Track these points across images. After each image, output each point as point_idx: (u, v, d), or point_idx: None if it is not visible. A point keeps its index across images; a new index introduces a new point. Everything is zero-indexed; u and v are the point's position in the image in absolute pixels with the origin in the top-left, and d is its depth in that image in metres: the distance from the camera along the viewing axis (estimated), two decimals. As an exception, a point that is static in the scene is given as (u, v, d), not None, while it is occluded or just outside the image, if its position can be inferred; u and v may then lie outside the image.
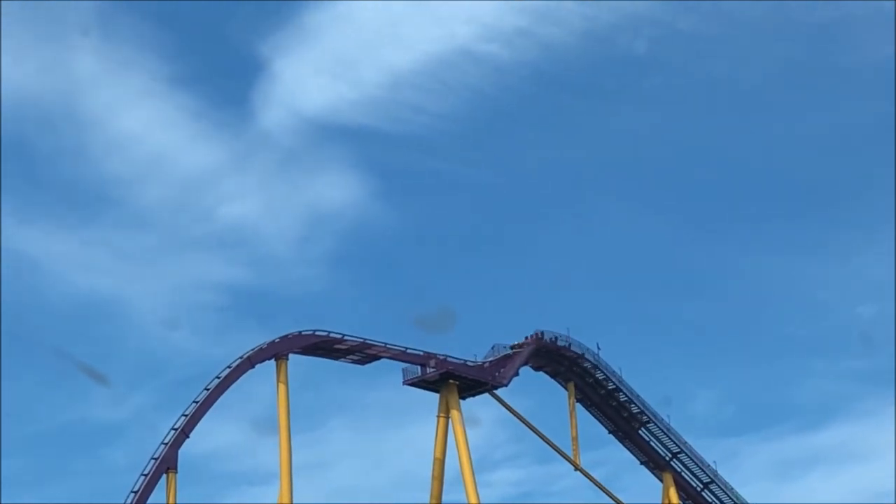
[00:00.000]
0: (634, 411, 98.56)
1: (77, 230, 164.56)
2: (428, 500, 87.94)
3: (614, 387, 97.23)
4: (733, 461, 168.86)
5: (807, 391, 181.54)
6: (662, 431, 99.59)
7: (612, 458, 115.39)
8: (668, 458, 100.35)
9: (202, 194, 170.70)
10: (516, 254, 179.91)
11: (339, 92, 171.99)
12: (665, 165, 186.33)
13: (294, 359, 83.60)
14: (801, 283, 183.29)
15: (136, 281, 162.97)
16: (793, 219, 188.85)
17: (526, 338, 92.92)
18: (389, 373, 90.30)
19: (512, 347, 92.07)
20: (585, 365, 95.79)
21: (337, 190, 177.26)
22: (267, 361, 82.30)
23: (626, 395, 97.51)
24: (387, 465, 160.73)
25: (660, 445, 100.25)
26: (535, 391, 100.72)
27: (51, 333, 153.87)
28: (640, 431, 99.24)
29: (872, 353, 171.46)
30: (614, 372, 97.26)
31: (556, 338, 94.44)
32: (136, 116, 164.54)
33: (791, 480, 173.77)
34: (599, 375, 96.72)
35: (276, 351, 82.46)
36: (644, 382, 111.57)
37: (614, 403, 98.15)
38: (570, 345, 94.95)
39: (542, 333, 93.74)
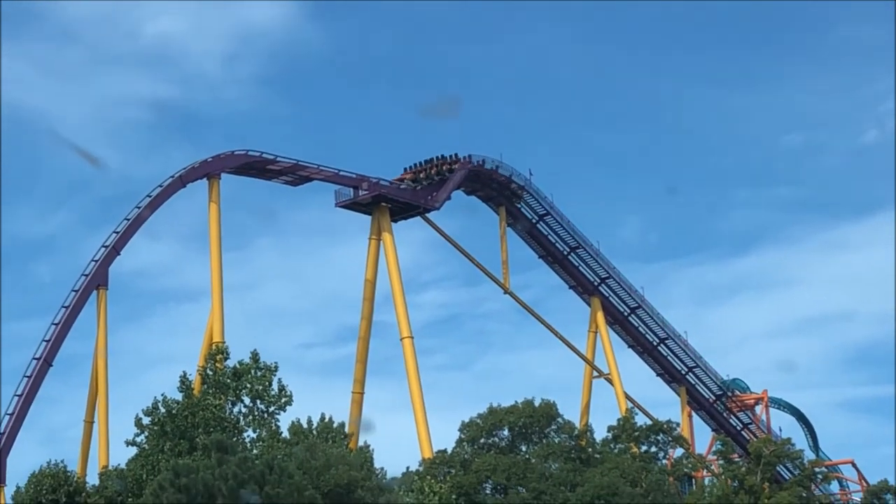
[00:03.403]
0: (563, 236, 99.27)
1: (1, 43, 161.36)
2: (358, 321, 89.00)
3: (545, 212, 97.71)
4: (657, 286, 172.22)
5: (731, 218, 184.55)
6: (591, 256, 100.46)
7: (540, 282, 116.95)
8: (596, 284, 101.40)
9: (129, 9, 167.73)
10: (450, 79, 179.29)
11: None
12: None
13: (225, 178, 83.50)
14: (727, 112, 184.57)
15: (60, 96, 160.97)
16: (718, 47, 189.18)
17: (405, 170, 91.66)
18: (322, 195, 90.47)
19: (391, 181, 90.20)
20: (517, 190, 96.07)
21: (266, 8, 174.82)
22: (199, 181, 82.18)
23: (556, 220, 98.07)
24: (315, 286, 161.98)
25: (588, 271, 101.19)
26: (467, 215, 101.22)
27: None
28: (569, 257, 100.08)
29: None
30: (545, 197, 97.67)
31: (487, 162, 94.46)
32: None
33: (714, 305, 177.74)
34: (530, 200, 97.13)
35: (209, 170, 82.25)
36: (574, 209, 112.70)
37: (533, 217, 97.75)
38: (501, 169, 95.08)
39: (470, 157, 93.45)
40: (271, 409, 62.90)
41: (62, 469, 62.49)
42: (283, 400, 63.08)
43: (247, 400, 63.58)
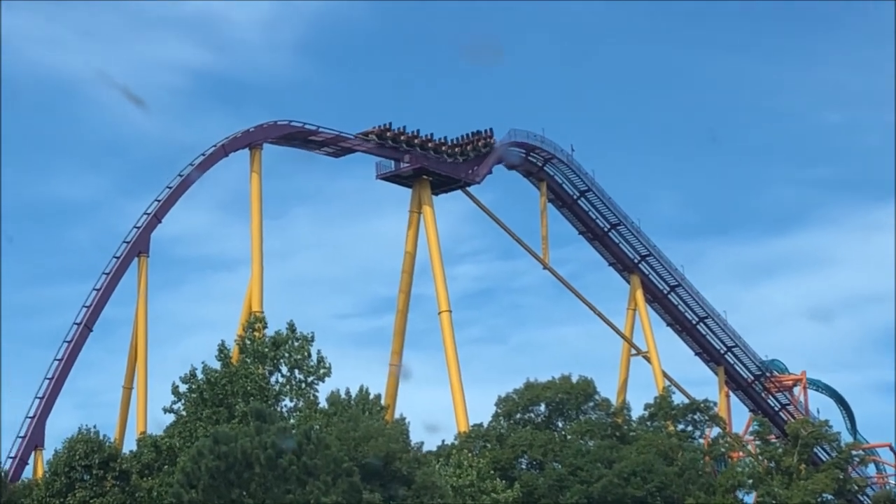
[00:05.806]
0: (604, 212, 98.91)
1: (42, 5, 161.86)
2: (394, 293, 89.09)
3: (586, 187, 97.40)
4: (695, 264, 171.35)
5: (771, 197, 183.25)
6: (632, 233, 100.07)
7: (578, 257, 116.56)
8: (636, 261, 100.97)
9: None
10: (493, 53, 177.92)
11: None
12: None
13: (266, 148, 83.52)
14: (768, 88, 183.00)
15: (100, 60, 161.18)
16: (759, 22, 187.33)
17: (374, 127, 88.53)
18: (362, 166, 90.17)
19: (356, 136, 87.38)
20: (558, 165, 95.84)
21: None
22: (241, 150, 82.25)
23: (597, 196, 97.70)
24: (352, 257, 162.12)
25: (628, 248, 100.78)
26: (508, 190, 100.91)
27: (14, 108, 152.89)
28: (609, 233, 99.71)
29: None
30: (586, 173, 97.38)
31: (528, 137, 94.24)
32: None
33: (754, 285, 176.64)
34: (572, 176, 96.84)
35: (251, 140, 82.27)
36: (615, 185, 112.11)
37: (574, 193, 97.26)
38: (543, 144, 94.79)
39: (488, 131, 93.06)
40: (310, 379, 62.93)
41: (95, 434, 62.56)
42: (322, 371, 63.10)
43: (284, 369, 63.63)
